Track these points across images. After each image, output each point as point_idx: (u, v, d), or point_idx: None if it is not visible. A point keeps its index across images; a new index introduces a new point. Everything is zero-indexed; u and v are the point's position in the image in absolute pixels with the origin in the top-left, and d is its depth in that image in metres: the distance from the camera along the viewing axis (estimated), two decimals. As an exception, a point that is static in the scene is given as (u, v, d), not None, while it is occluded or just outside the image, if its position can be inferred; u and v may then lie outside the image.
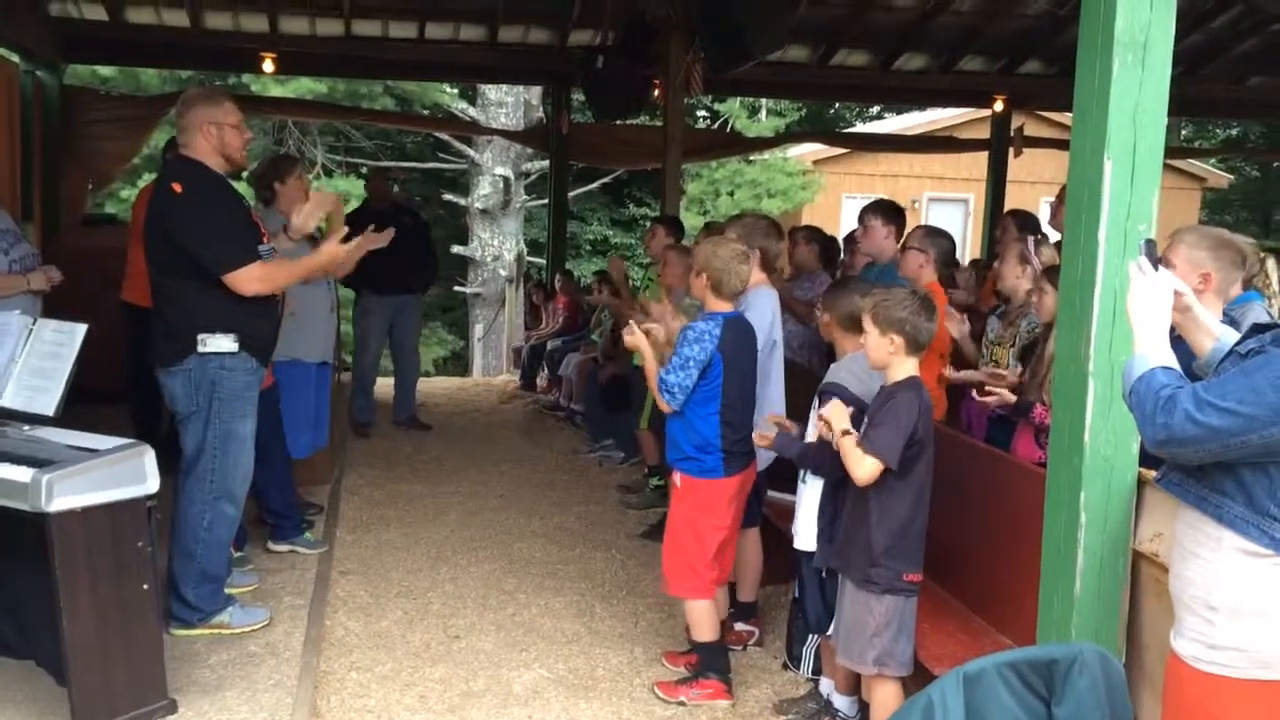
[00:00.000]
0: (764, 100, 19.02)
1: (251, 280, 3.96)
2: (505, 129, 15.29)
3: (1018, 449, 3.97)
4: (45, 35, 8.57)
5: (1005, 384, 4.05)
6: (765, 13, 6.42)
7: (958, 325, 4.58)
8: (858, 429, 3.29)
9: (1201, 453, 1.99)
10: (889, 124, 20.11)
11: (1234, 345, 2.15)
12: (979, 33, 9.74)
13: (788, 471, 3.93)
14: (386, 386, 8.64)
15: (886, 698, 3.27)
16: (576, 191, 17.50)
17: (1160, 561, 2.73)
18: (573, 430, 8.49)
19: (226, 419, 4.04)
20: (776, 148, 16.69)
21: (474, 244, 17.59)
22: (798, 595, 3.84)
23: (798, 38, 9.53)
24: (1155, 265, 2.21)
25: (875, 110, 22.14)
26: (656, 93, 9.07)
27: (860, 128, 21.07)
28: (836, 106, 22.23)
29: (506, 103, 16.79)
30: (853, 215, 5.86)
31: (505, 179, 17.13)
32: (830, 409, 3.33)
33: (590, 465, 7.40)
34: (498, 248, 17.34)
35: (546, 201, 13.52)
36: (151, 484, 3.34)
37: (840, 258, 7.00)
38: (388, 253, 5.14)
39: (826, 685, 3.76)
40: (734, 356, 3.80)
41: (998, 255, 5.20)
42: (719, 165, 18.13)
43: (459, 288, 18.32)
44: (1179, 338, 2.31)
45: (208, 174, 4.03)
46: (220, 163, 4.07)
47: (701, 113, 19.75)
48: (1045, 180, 14.85)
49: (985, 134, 11.96)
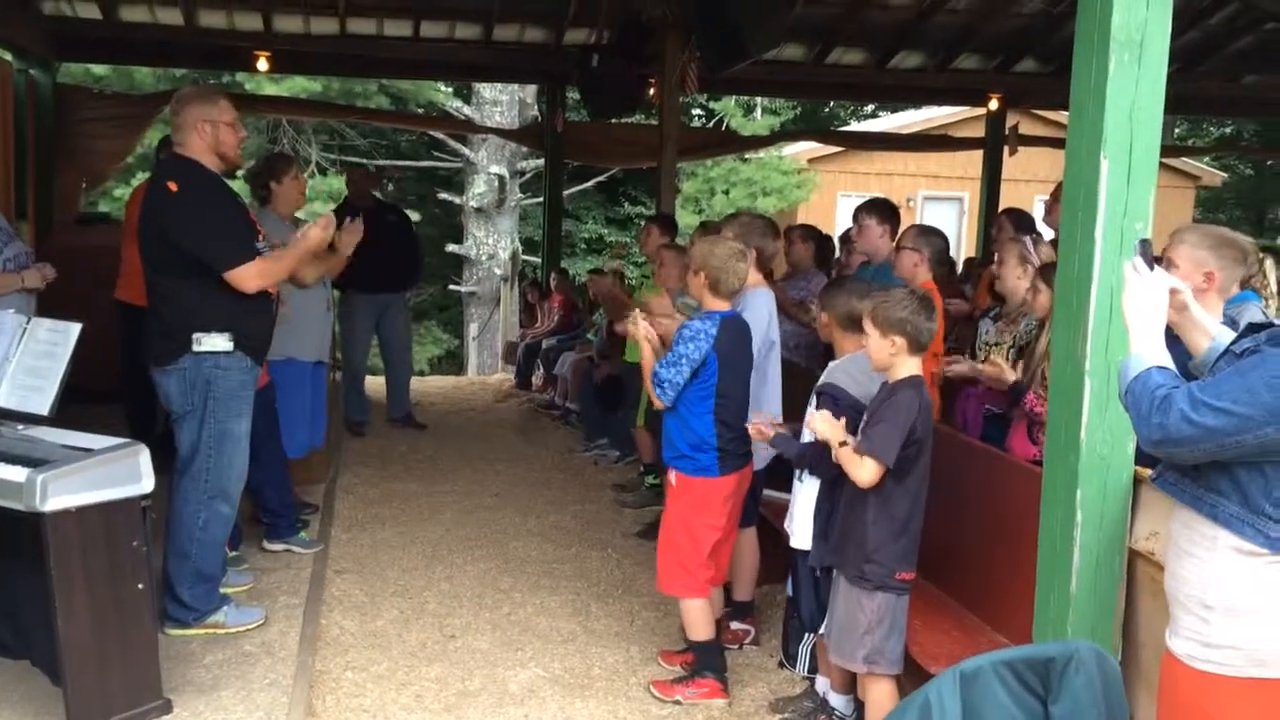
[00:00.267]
0: (759, 99, 19.02)
1: (252, 276, 3.95)
2: (500, 127, 15.27)
3: (1012, 446, 3.96)
4: (39, 33, 8.55)
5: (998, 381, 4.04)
6: (761, 11, 6.42)
7: (970, 367, 4.30)
8: (854, 430, 3.29)
9: (1197, 452, 1.99)
10: (884, 122, 20.12)
11: (1229, 345, 2.15)
12: (974, 31, 9.75)
13: (785, 471, 3.92)
14: (379, 385, 8.64)
15: (881, 696, 3.27)
16: (571, 190, 17.50)
17: (1156, 560, 2.74)
18: (568, 429, 8.49)
19: (221, 418, 4.03)
20: (772, 146, 16.69)
21: (469, 242, 17.58)
22: (793, 594, 3.84)
23: (793, 36, 9.52)
24: (1150, 265, 2.21)
25: (870, 109, 22.15)
26: (652, 91, 9.06)
27: (855, 126, 21.07)
28: (832, 105, 22.26)
29: (501, 101, 16.78)
30: (848, 213, 5.86)
31: (500, 177, 17.12)
32: (819, 423, 3.29)
33: (585, 464, 7.39)
34: (493, 246, 17.33)
35: (541, 200, 13.52)
36: (146, 483, 3.34)
37: (835, 257, 7.02)
38: (372, 251, 5.11)
39: (823, 684, 3.76)
40: (730, 356, 3.79)
41: (994, 254, 5.20)
42: (714, 164, 18.13)
43: (454, 286, 18.31)
44: (1175, 337, 2.31)
45: (203, 172, 4.02)
46: (215, 161, 4.06)
47: (697, 111, 19.74)
48: (1040, 178, 14.86)
49: (980, 132, 11.98)
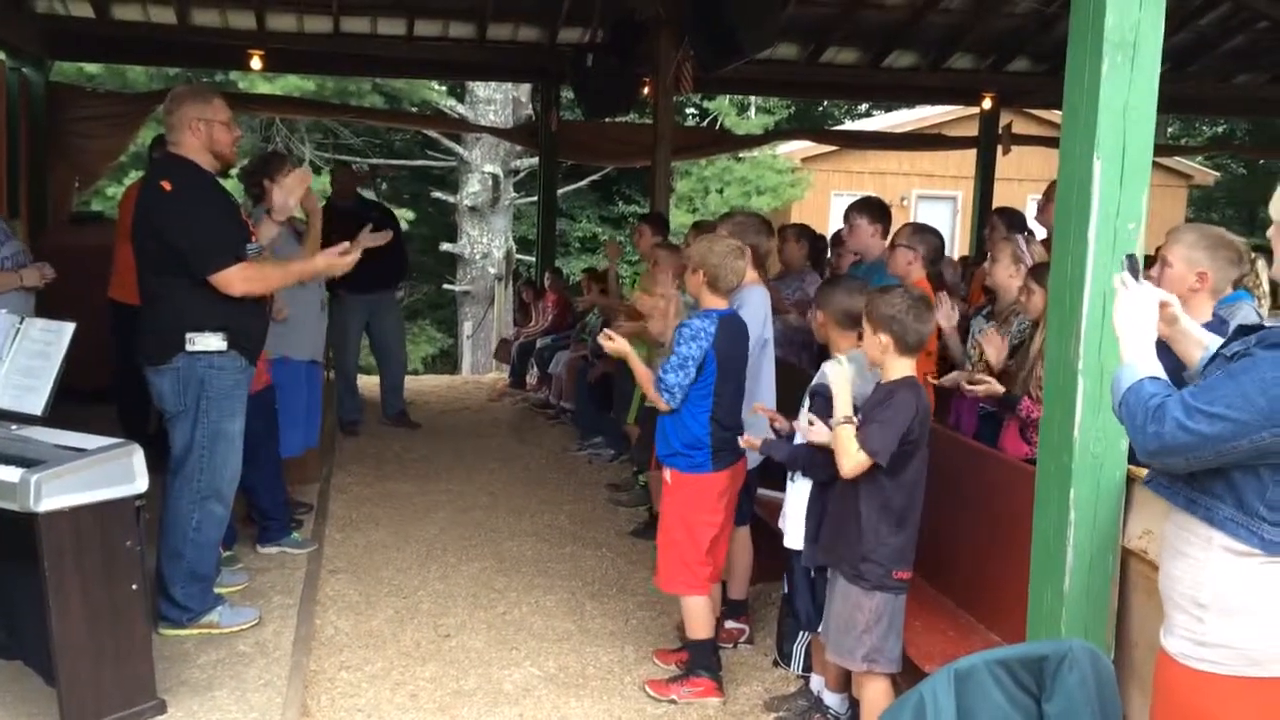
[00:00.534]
0: (753, 98, 19.03)
1: (237, 280, 3.94)
2: (494, 126, 15.26)
3: (1004, 445, 3.97)
4: (31, 32, 8.52)
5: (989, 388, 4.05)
6: (755, 10, 6.41)
7: (946, 314, 4.47)
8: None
9: (1193, 460, 1.98)
10: (877, 121, 20.16)
11: (1219, 348, 2.14)
12: (968, 31, 9.77)
13: (779, 469, 3.93)
14: (373, 385, 8.62)
15: (876, 695, 3.27)
16: (565, 189, 17.49)
17: (1149, 559, 2.74)
18: (562, 428, 8.48)
19: (215, 418, 4.03)
20: (765, 145, 16.71)
21: (463, 241, 17.56)
22: (788, 593, 3.85)
23: (787, 35, 9.53)
24: (1138, 278, 2.22)
25: (864, 108, 22.18)
26: (646, 90, 9.06)
27: (849, 125, 21.10)
28: (825, 104, 22.27)
29: (495, 100, 16.76)
30: (841, 212, 5.87)
31: (494, 176, 17.11)
32: (836, 375, 3.27)
33: (580, 463, 7.39)
34: (487, 245, 17.32)
35: (535, 199, 13.49)
36: (140, 483, 3.33)
37: (827, 256, 7.02)
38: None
39: (817, 682, 3.76)
40: (727, 354, 3.80)
41: (988, 253, 5.21)
42: (708, 163, 18.15)
43: (448, 285, 18.30)
44: (1166, 346, 2.30)
45: (197, 172, 4.01)
46: (209, 160, 4.05)
47: (690, 110, 19.74)
48: (1033, 178, 14.88)
49: (973, 131, 12.00)
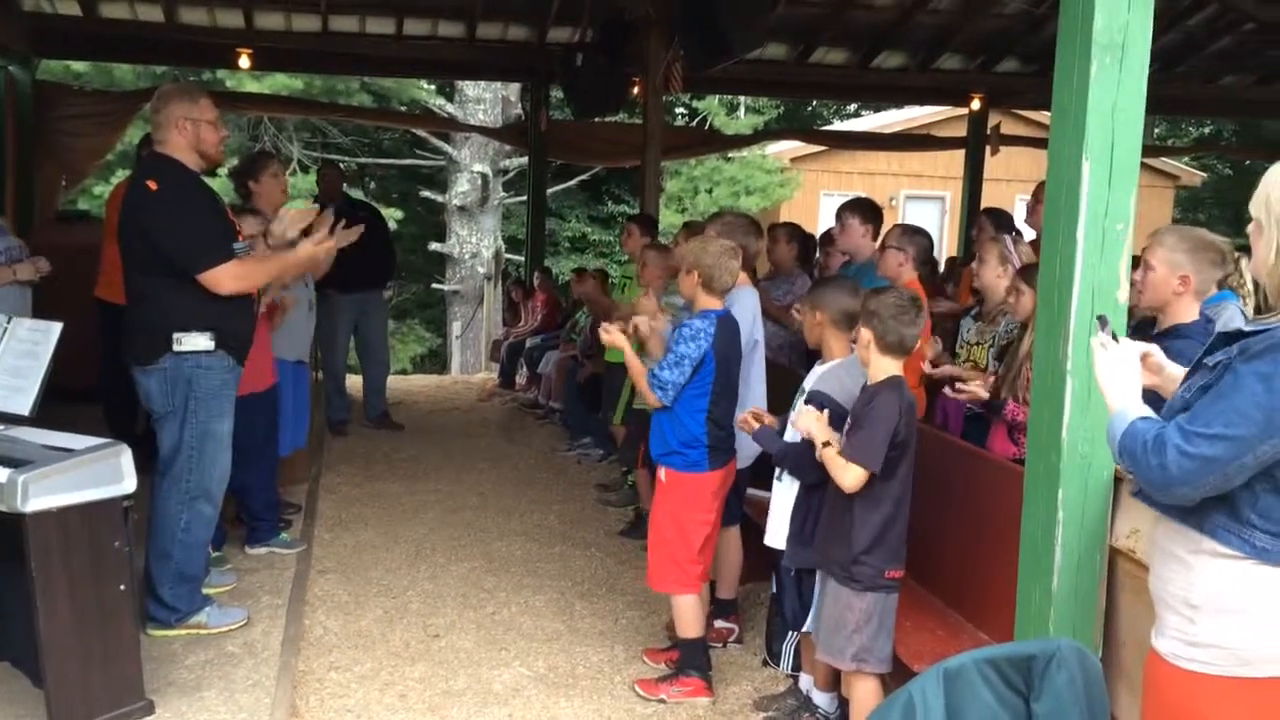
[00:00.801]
0: (742, 98, 19.05)
1: (227, 279, 3.92)
2: (483, 126, 15.23)
3: (993, 446, 3.98)
4: (18, 30, 8.48)
5: (980, 383, 4.06)
6: (745, 10, 6.42)
7: (932, 348, 4.42)
8: (838, 430, 3.29)
9: (1203, 487, 1.96)
10: (866, 122, 20.20)
11: (1200, 356, 2.15)
12: (956, 31, 9.80)
13: (770, 470, 3.93)
14: (356, 385, 8.60)
15: (865, 694, 3.28)
16: (555, 189, 17.48)
17: (1136, 558, 2.75)
18: (552, 428, 8.47)
19: (203, 418, 4.01)
20: (755, 145, 16.73)
21: (452, 241, 17.53)
22: (776, 592, 3.85)
23: (776, 35, 9.55)
24: (1115, 337, 2.24)
25: (853, 108, 22.21)
26: (635, 90, 9.07)
27: (838, 125, 21.13)
28: (814, 104, 22.30)
29: (484, 99, 16.73)
30: (831, 212, 5.88)
31: (483, 176, 17.08)
32: (805, 420, 3.30)
33: (569, 463, 7.39)
34: (476, 245, 17.29)
35: (525, 198, 13.49)
36: (128, 484, 3.32)
37: (815, 256, 7.02)
38: (346, 250, 5.14)
39: (806, 682, 3.77)
40: (725, 354, 3.81)
41: (975, 254, 5.22)
42: (697, 162, 18.16)
43: (437, 285, 18.26)
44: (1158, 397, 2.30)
45: (183, 171, 3.99)
46: (195, 159, 4.03)
47: (680, 110, 19.75)
48: (1021, 178, 14.94)
49: (962, 132, 12.03)
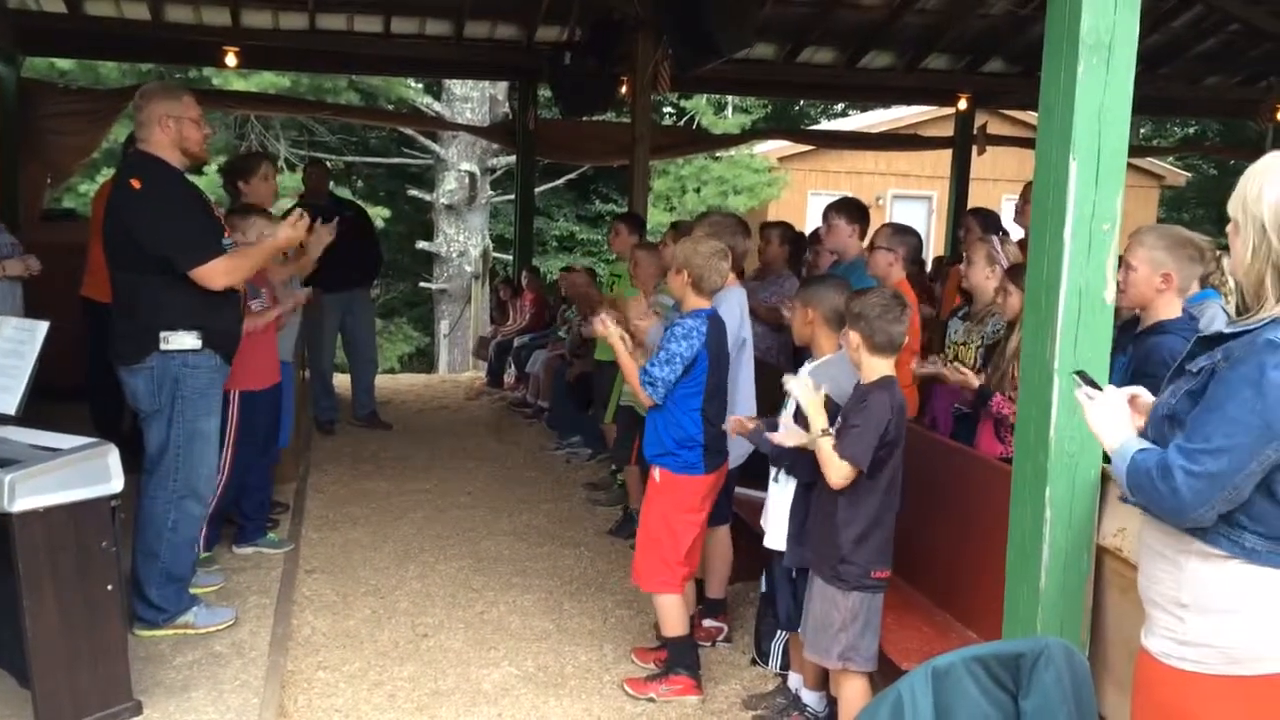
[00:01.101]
0: (730, 97, 19.07)
1: (219, 273, 3.92)
2: (471, 124, 15.21)
3: (980, 444, 4.00)
4: (3, 27, 8.43)
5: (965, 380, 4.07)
6: (732, 10, 6.43)
7: (937, 369, 4.32)
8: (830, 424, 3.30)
9: (1218, 504, 1.96)
10: (854, 121, 20.25)
11: (1180, 361, 2.15)
12: (943, 31, 9.83)
13: (758, 469, 3.94)
14: (345, 384, 8.58)
15: (854, 693, 3.29)
16: (543, 187, 17.45)
17: (1124, 556, 2.77)
18: (540, 427, 8.47)
19: (190, 417, 4.00)
20: (743, 145, 16.76)
21: (439, 240, 17.50)
22: (766, 591, 3.86)
23: (764, 35, 9.55)
24: (1097, 387, 2.25)
25: (840, 108, 22.25)
26: (624, 89, 9.06)
27: (825, 125, 21.17)
28: (802, 104, 22.32)
29: (472, 98, 16.70)
30: (818, 212, 5.90)
31: (471, 174, 17.05)
32: (802, 391, 3.26)
33: (557, 462, 7.39)
34: (463, 243, 17.26)
35: (513, 197, 13.46)
36: (115, 483, 3.30)
37: (804, 256, 7.03)
38: (332, 249, 5.16)
39: (795, 680, 3.78)
40: (716, 353, 3.83)
41: (963, 254, 5.24)
42: (685, 162, 18.18)
43: (424, 284, 18.22)
44: (1133, 335, 2.32)
45: (166, 169, 3.98)
46: (179, 157, 4.02)
47: (668, 109, 19.75)
48: (1008, 178, 15.01)
49: (949, 132, 12.08)
